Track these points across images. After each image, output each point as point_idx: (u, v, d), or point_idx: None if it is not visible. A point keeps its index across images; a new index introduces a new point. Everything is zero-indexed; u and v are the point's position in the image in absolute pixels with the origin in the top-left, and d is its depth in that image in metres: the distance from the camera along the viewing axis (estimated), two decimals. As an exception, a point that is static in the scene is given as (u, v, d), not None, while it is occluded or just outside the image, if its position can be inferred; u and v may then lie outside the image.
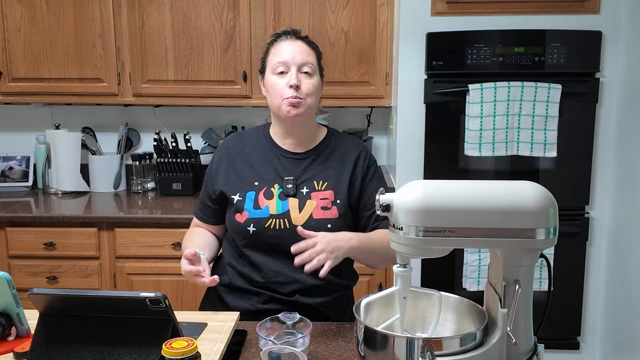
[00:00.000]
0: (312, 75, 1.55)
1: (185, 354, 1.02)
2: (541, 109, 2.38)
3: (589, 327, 2.61)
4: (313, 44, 1.61)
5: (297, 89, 1.52)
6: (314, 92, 1.55)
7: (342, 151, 1.63)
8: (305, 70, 1.54)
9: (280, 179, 1.57)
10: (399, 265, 1.14)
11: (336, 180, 1.58)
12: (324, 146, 1.63)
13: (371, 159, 1.66)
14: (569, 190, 2.49)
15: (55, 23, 2.82)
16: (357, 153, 1.63)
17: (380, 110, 3.13)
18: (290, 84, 1.52)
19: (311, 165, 1.60)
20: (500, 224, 1.05)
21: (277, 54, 1.55)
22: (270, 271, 1.55)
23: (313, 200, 1.55)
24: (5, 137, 3.26)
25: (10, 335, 1.30)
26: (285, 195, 1.56)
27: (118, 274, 2.67)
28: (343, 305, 1.63)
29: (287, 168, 1.59)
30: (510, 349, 1.10)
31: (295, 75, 1.52)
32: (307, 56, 1.55)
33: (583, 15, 2.41)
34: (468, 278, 2.51)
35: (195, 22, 2.79)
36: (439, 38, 2.44)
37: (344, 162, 1.61)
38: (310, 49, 1.58)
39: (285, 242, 1.51)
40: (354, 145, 1.66)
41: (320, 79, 1.60)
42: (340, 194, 1.57)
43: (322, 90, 1.64)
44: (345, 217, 1.58)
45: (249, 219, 1.54)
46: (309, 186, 1.57)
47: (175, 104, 2.96)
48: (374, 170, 1.64)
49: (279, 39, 1.59)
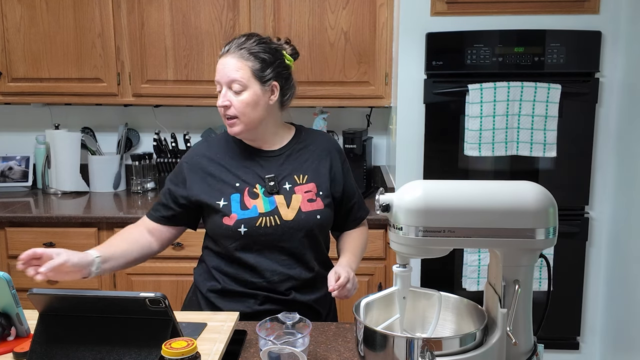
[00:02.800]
0: (241, 92, 1.52)
1: (185, 354, 1.02)
2: (541, 109, 2.38)
3: (589, 327, 2.61)
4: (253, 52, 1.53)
5: (226, 109, 1.55)
6: (244, 109, 1.53)
7: (316, 145, 1.67)
8: (235, 89, 1.53)
9: (260, 178, 1.58)
10: (398, 265, 1.14)
11: (315, 173, 1.62)
12: (295, 142, 1.66)
13: (343, 154, 1.72)
14: (568, 190, 2.49)
15: (55, 23, 2.82)
16: (330, 149, 1.68)
17: (379, 111, 3.13)
18: (218, 105, 1.56)
19: (287, 161, 1.62)
20: (500, 224, 1.05)
21: (216, 73, 1.57)
22: (266, 271, 1.56)
23: (298, 194, 1.58)
24: (4, 137, 3.26)
25: (9, 335, 1.30)
26: (270, 193, 1.57)
27: (118, 274, 2.67)
28: (329, 300, 1.68)
29: (265, 166, 1.60)
30: (510, 349, 1.10)
31: (224, 95, 1.54)
32: (234, 73, 1.51)
33: (583, 15, 2.41)
34: (468, 278, 2.51)
35: (195, 22, 2.79)
36: (438, 38, 2.44)
37: (319, 156, 1.65)
38: (242, 63, 1.52)
39: (277, 238, 1.55)
40: (326, 139, 1.70)
41: (259, 90, 1.53)
42: (321, 186, 1.61)
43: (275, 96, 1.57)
44: (330, 207, 1.63)
45: (238, 220, 1.53)
46: (291, 181, 1.59)
47: (175, 104, 2.96)
48: (347, 165, 1.72)
49: (220, 52, 1.58)
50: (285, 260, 1.56)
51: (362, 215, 1.74)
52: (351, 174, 1.73)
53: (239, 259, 1.56)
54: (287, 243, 1.56)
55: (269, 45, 1.58)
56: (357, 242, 1.71)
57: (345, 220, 1.71)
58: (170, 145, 3.01)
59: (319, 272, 1.62)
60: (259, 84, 1.54)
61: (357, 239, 1.72)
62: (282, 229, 1.54)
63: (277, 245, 1.55)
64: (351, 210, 1.71)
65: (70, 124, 3.21)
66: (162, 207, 1.63)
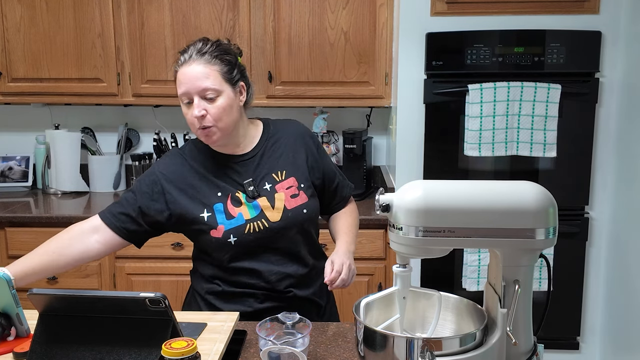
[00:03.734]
0: (216, 98, 1.48)
1: (184, 354, 1.02)
2: (541, 109, 2.38)
3: (589, 327, 2.61)
4: (216, 56, 1.49)
5: (202, 120, 1.48)
6: (221, 115, 1.49)
7: (287, 136, 1.63)
8: (208, 97, 1.48)
9: (239, 184, 1.55)
10: (398, 265, 1.14)
11: (293, 166, 1.60)
12: (266, 138, 1.62)
13: (315, 138, 1.69)
14: (568, 190, 2.49)
15: (55, 23, 2.82)
16: (303, 135, 1.65)
17: (379, 111, 3.13)
18: (194, 116, 1.48)
19: (262, 161, 1.58)
20: (500, 224, 1.05)
21: (179, 84, 1.49)
22: (263, 273, 1.55)
23: (280, 193, 1.56)
24: (4, 137, 3.26)
25: (9, 335, 1.30)
26: (252, 198, 1.54)
27: (117, 274, 2.67)
28: (325, 289, 1.65)
29: (241, 172, 1.56)
30: (510, 349, 1.10)
31: (198, 105, 1.47)
32: (204, 80, 1.46)
33: (582, 15, 2.41)
34: (468, 278, 2.51)
35: (195, 22, 2.79)
36: (438, 38, 2.44)
37: (294, 147, 1.62)
38: (208, 69, 1.47)
39: (267, 241, 1.53)
40: (296, 128, 1.67)
41: (231, 93, 1.51)
42: (301, 178, 1.59)
43: (244, 96, 1.56)
44: (314, 197, 1.61)
45: (226, 231, 1.51)
46: (270, 180, 1.57)
47: (175, 104, 2.93)
48: (322, 148, 1.69)
49: (178, 62, 1.51)
50: (280, 259, 1.56)
51: (348, 193, 1.73)
52: (327, 155, 1.71)
53: (234, 266, 1.55)
54: (279, 243, 1.55)
55: (225, 47, 1.54)
56: (349, 220, 1.70)
57: (330, 202, 1.70)
58: (170, 145, 3.01)
59: (314, 265, 1.62)
60: (230, 87, 1.50)
61: (348, 216, 1.71)
62: (272, 231, 1.52)
63: (269, 247, 1.54)
64: (335, 192, 1.69)
65: (70, 124, 3.21)
66: (127, 218, 1.54)
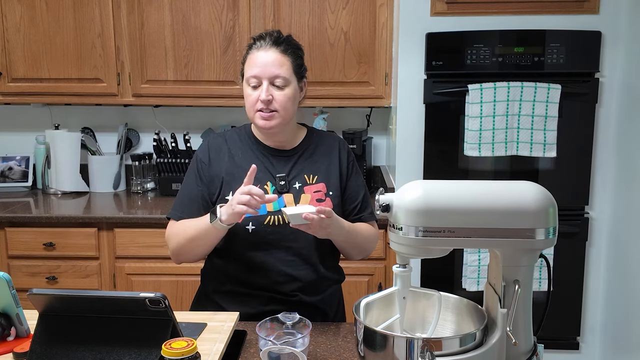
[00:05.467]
0: (284, 87, 1.53)
1: (184, 354, 1.02)
2: (541, 109, 2.38)
3: (589, 327, 2.61)
4: (290, 48, 1.56)
5: (268, 104, 1.53)
6: (286, 104, 1.54)
7: (326, 146, 1.67)
8: (277, 84, 1.53)
9: (271, 176, 1.59)
10: (398, 265, 1.14)
11: (326, 174, 1.63)
12: (307, 143, 1.66)
13: (351, 153, 1.72)
14: (568, 191, 2.49)
15: (55, 23, 2.82)
16: (339, 148, 1.68)
17: (379, 111, 3.13)
18: (261, 99, 1.52)
19: (299, 161, 1.63)
20: (500, 224, 1.05)
21: (251, 67, 1.54)
22: (271, 272, 1.56)
23: (307, 194, 1.58)
24: (4, 137, 3.26)
25: (9, 335, 1.30)
26: (279, 192, 1.57)
27: (117, 274, 2.67)
28: (336, 301, 1.69)
29: (277, 166, 1.61)
30: (510, 349, 1.10)
31: (266, 90, 1.52)
32: (278, 68, 1.52)
33: (582, 15, 2.41)
34: (468, 278, 2.51)
35: (195, 22, 2.79)
36: (438, 38, 2.44)
37: (330, 157, 1.66)
38: (284, 58, 1.54)
39: (283, 237, 1.55)
40: (335, 140, 1.71)
41: (297, 86, 1.57)
42: (332, 186, 1.62)
43: (303, 93, 1.63)
44: (339, 207, 1.62)
45: (246, 217, 1.53)
46: (301, 180, 1.60)
47: (174, 104, 2.96)
48: (355, 165, 1.71)
49: (253, 46, 1.56)
50: (291, 261, 1.56)
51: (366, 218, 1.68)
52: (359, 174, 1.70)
53: (245, 258, 1.56)
54: (293, 243, 1.56)
55: (296, 43, 1.60)
56: (359, 225, 1.65)
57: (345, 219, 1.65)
58: (170, 145, 3.01)
59: (325, 274, 1.61)
60: (297, 80, 1.57)
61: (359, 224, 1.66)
62: (289, 228, 1.51)
63: (283, 245, 1.56)
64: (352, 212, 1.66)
65: (70, 124, 3.21)
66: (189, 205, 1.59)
